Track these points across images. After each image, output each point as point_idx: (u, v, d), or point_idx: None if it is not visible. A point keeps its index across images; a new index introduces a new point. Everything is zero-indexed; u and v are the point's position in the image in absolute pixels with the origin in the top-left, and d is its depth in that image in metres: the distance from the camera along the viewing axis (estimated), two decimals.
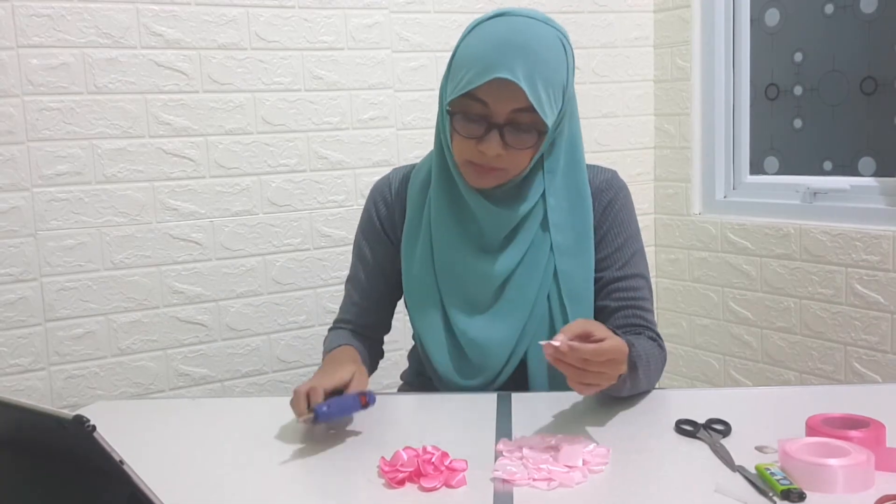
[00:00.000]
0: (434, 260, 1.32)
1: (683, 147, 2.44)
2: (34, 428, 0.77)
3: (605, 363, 1.03)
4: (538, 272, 1.29)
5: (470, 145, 1.20)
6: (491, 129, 1.18)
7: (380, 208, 1.40)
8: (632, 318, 1.31)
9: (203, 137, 1.95)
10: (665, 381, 2.43)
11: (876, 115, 2.13)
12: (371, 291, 1.42)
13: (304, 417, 1.09)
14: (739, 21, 2.35)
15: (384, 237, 1.40)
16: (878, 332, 2.00)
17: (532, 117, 1.17)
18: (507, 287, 1.30)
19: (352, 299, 1.44)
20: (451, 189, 1.30)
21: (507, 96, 1.16)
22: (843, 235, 2.04)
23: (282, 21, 2.01)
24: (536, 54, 1.16)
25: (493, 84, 1.15)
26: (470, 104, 1.18)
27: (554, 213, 1.29)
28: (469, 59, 1.18)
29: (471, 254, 1.30)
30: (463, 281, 1.31)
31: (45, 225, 1.81)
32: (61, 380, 1.85)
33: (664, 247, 2.50)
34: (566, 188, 1.30)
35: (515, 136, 1.19)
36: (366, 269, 1.42)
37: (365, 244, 1.42)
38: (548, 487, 0.95)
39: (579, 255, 1.30)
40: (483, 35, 1.19)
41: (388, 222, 1.40)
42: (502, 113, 1.17)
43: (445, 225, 1.31)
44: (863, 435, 0.98)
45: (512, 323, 1.29)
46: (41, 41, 1.77)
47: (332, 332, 1.46)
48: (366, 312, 1.43)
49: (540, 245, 1.30)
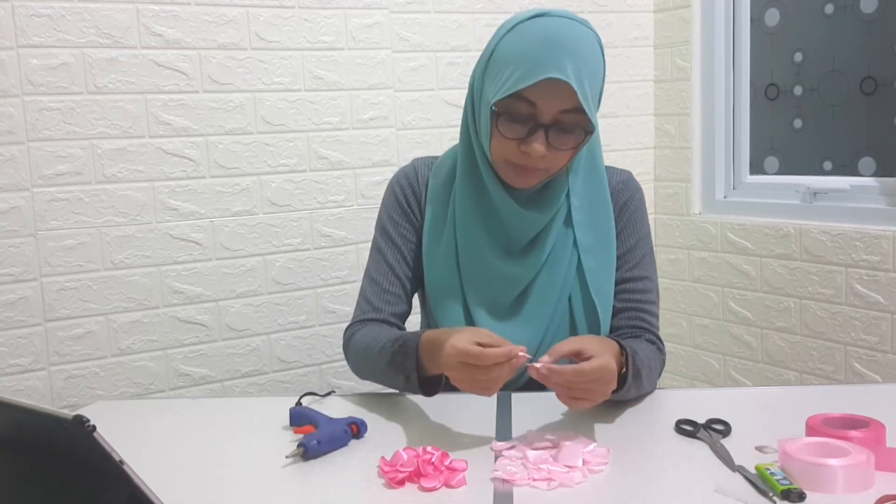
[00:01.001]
0: (459, 260, 1.31)
1: (683, 147, 2.44)
2: (34, 428, 0.77)
3: (592, 382, 1.03)
4: (561, 273, 1.29)
5: (512, 146, 1.18)
6: (536, 129, 1.16)
7: (407, 193, 1.36)
8: (634, 321, 1.31)
9: (203, 137, 1.95)
10: (665, 381, 2.43)
11: (876, 115, 2.13)
12: (402, 277, 1.35)
13: (294, 453, 1.05)
14: (739, 21, 2.35)
15: (412, 217, 1.36)
16: (878, 332, 2.00)
17: (576, 118, 1.16)
18: (532, 290, 1.29)
19: (381, 286, 1.35)
20: (477, 188, 1.28)
21: (557, 96, 1.14)
22: (843, 235, 2.04)
23: (282, 21, 2.01)
24: (582, 55, 1.15)
25: (544, 84, 1.13)
26: (516, 104, 1.16)
27: (577, 213, 1.29)
28: (515, 58, 1.16)
29: (496, 255, 1.29)
30: (488, 283, 1.30)
31: (45, 225, 1.81)
32: (61, 380, 1.85)
33: (664, 247, 2.50)
34: (587, 188, 1.30)
35: (560, 137, 1.17)
36: (396, 254, 1.35)
37: (392, 228, 1.36)
38: (548, 487, 0.95)
39: (603, 253, 1.30)
40: (527, 34, 1.16)
41: (414, 205, 1.36)
42: (549, 113, 1.16)
43: (471, 225, 1.29)
44: (863, 435, 0.98)
45: (535, 325, 1.29)
46: (41, 41, 1.77)
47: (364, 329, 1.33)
48: (397, 300, 1.35)
49: (563, 245, 1.29)
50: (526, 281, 1.29)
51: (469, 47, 2.23)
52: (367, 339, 1.29)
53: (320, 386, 2.12)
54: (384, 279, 1.35)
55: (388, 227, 1.37)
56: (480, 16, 2.24)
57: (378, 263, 1.37)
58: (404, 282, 1.36)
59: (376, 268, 1.37)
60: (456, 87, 2.22)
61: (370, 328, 1.33)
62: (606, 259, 1.31)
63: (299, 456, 1.05)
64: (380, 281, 1.35)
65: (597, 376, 1.03)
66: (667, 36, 2.45)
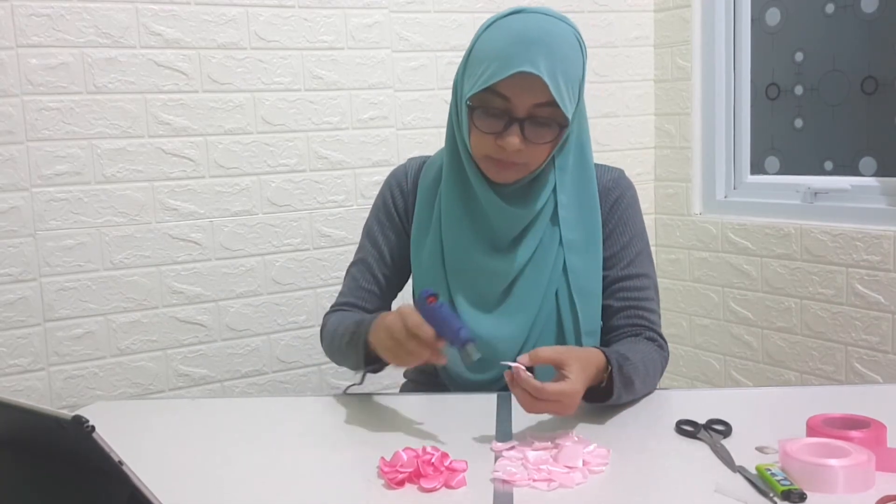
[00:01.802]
0: (444, 256, 1.32)
1: (684, 147, 2.44)
2: (33, 428, 0.77)
3: (549, 404, 1.06)
4: (547, 269, 1.30)
5: (489, 140, 1.20)
6: (511, 123, 1.18)
7: (395, 195, 1.40)
8: (633, 319, 1.31)
9: (203, 137, 1.95)
10: (665, 381, 2.42)
11: (877, 114, 2.13)
12: (379, 277, 1.41)
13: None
14: (740, 20, 2.35)
15: (398, 224, 1.40)
16: (879, 332, 2.00)
17: (552, 111, 1.18)
18: (517, 285, 1.30)
19: (357, 283, 1.41)
20: (462, 185, 1.30)
21: (529, 90, 1.16)
22: (844, 235, 2.04)
23: (281, 21, 2.00)
24: (556, 49, 1.17)
25: (516, 78, 1.15)
26: (490, 99, 1.19)
27: (564, 210, 1.30)
28: (490, 54, 1.18)
29: (481, 251, 1.30)
30: (473, 278, 1.31)
31: (44, 225, 1.81)
32: (60, 380, 1.85)
33: (664, 247, 2.50)
34: (576, 185, 1.31)
35: (535, 131, 1.19)
36: (376, 255, 1.40)
37: (378, 229, 1.41)
38: (548, 488, 0.94)
39: (589, 251, 1.31)
40: (503, 30, 1.19)
41: (402, 210, 1.40)
42: (523, 107, 1.18)
43: (456, 221, 1.31)
44: (863, 435, 0.98)
45: (521, 320, 1.30)
46: (40, 41, 1.77)
47: (336, 314, 1.40)
48: (372, 297, 1.41)
49: (549, 242, 1.30)
50: (511, 276, 1.29)
51: None
52: (337, 323, 1.35)
53: (320, 386, 2.12)
54: (362, 277, 1.42)
55: (374, 228, 1.42)
56: (480, 15, 2.23)
57: (359, 261, 1.43)
58: (380, 281, 1.41)
59: (357, 265, 1.43)
60: None
61: (342, 314, 1.38)
62: (592, 256, 1.31)
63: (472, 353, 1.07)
64: (357, 278, 1.42)
65: (555, 399, 1.05)
66: (667, 35, 2.45)
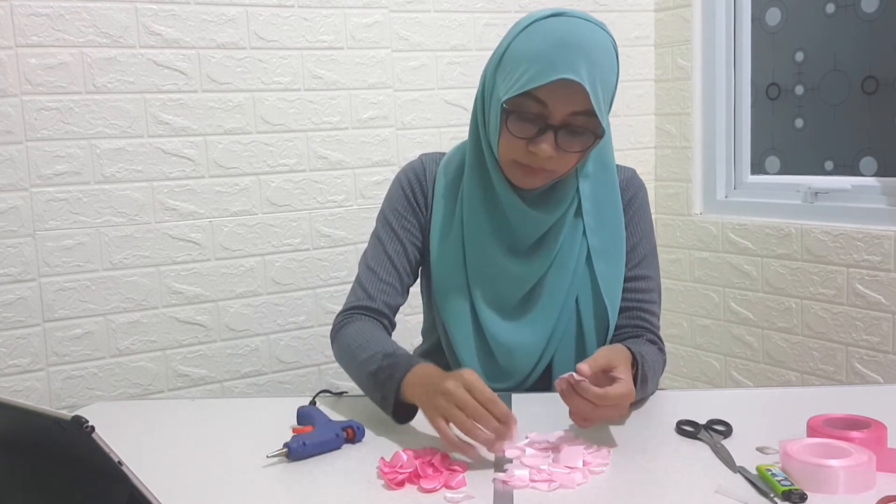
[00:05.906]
0: (465, 258, 1.30)
1: (684, 147, 2.44)
2: (33, 429, 0.77)
3: (611, 408, 1.03)
4: (568, 275, 1.28)
5: (520, 145, 1.17)
6: (546, 130, 1.15)
7: (415, 187, 1.35)
8: (635, 320, 1.31)
9: (202, 137, 1.95)
10: (666, 381, 2.42)
11: (877, 114, 2.13)
12: (399, 269, 1.34)
13: (277, 452, 1.04)
14: (740, 20, 2.34)
15: (420, 215, 1.35)
16: (880, 332, 1.99)
17: (586, 121, 1.15)
18: (538, 291, 1.28)
19: (377, 275, 1.33)
20: (486, 187, 1.27)
21: (569, 98, 1.13)
22: (845, 235, 2.04)
23: (281, 20, 2.00)
24: (597, 57, 1.13)
25: (556, 84, 1.11)
26: (525, 103, 1.15)
27: (588, 217, 1.29)
28: (529, 57, 1.14)
29: (502, 254, 1.28)
30: (494, 281, 1.29)
31: (43, 225, 1.80)
32: (60, 380, 1.85)
33: (665, 247, 2.50)
34: (598, 190, 1.29)
35: (569, 139, 1.16)
36: (397, 247, 1.34)
37: (395, 219, 1.35)
38: (548, 488, 0.94)
39: (613, 257, 1.30)
40: (543, 33, 1.15)
41: (422, 204, 1.35)
42: (559, 114, 1.14)
43: (478, 223, 1.28)
44: (864, 436, 0.98)
45: (541, 327, 1.29)
46: (40, 40, 1.77)
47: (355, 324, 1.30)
48: (392, 292, 1.33)
49: (570, 248, 1.28)
50: (532, 281, 1.28)
51: (469, 46, 2.22)
52: (359, 340, 1.26)
53: (320, 386, 2.11)
54: (381, 269, 1.34)
55: (391, 219, 1.36)
56: (480, 15, 2.23)
57: (377, 253, 1.35)
58: (401, 273, 1.34)
59: (375, 257, 1.35)
60: (456, 86, 2.22)
61: (363, 324, 1.30)
62: (616, 263, 1.30)
63: (284, 456, 1.04)
64: (377, 270, 1.34)
65: (616, 402, 1.03)
66: (668, 35, 2.45)
